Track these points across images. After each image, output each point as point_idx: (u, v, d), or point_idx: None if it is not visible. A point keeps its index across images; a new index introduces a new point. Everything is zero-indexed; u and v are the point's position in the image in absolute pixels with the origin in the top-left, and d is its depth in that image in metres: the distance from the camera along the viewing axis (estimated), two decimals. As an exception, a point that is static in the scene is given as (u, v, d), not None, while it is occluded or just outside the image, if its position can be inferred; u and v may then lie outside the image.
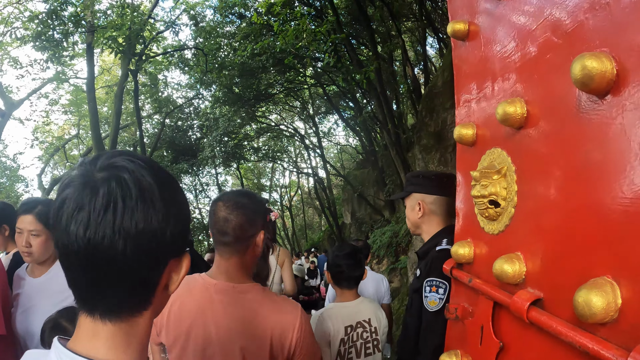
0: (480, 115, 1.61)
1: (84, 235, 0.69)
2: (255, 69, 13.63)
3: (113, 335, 0.75)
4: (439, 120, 7.77)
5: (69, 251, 0.71)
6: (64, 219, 0.70)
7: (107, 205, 0.70)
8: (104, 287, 0.72)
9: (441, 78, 8.21)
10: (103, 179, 0.71)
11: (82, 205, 0.69)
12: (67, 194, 0.71)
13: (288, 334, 1.67)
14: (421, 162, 7.96)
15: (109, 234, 0.69)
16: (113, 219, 0.69)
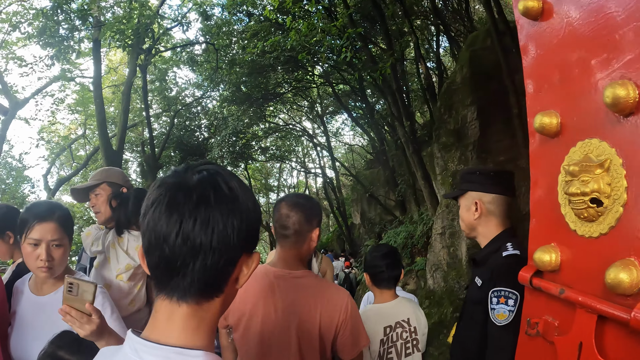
0: (568, 102, 1.40)
1: (179, 226, 0.80)
2: (264, 67, 13.45)
3: (186, 317, 0.84)
4: (458, 117, 7.55)
5: (159, 239, 0.81)
6: (158, 212, 0.81)
7: (200, 202, 0.81)
8: (187, 273, 0.82)
9: (460, 74, 7.98)
10: (198, 180, 0.84)
11: (176, 201, 0.81)
12: (160, 192, 0.83)
13: (335, 314, 1.86)
14: (440, 161, 7.74)
15: (200, 224, 0.80)
16: (205, 212, 0.81)
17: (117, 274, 2.54)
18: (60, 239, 2.01)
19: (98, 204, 2.85)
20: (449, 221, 7.48)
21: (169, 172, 0.90)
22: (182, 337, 0.83)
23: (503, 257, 1.82)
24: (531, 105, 1.62)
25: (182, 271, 0.82)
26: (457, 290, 7.28)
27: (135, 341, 0.83)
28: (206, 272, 0.83)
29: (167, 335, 0.83)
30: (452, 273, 7.41)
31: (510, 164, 7.47)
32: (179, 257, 0.81)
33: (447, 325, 7.11)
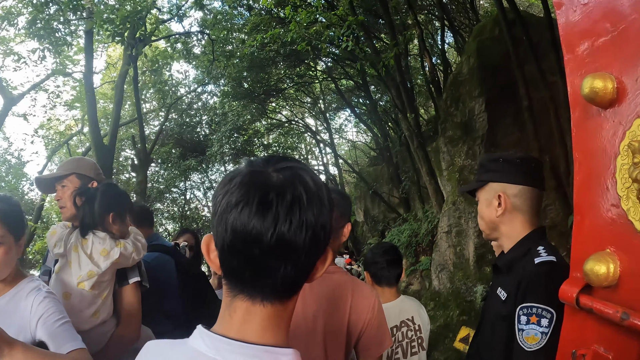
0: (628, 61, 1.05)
1: (274, 228, 0.76)
2: (264, 61, 13.12)
3: (269, 317, 0.82)
4: (465, 110, 7.19)
5: (248, 241, 0.77)
6: (248, 212, 0.76)
7: (294, 202, 0.77)
8: (277, 274, 0.79)
9: (466, 65, 7.62)
10: (288, 178, 0.80)
11: (268, 201, 0.76)
12: (246, 190, 0.78)
13: (363, 313, 1.83)
14: (446, 156, 7.38)
15: (296, 225, 0.77)
16: (299, 213, 0.77)
17: (79, 282, 2.20)
18: (1, 236, 1.69)
19: (64, 197, 2.53)
20: (455, 219, 7.12)
21: (244, 166, 0.84)
22: (266, 336, 0.82)
23: (535, 265, 1.46)
24: (574, 68, 1.26)
25: (272, 273, 0.80)
26: (464, 292, 6.93)
27: (212, 338, 0.80)
28: (297, 272, 0.81)
29: (248, 333, 0.81)
30: (459, 274, 7.06)
31: (520, 159, 7.12)
32: (270, 258, 0.78)
33: (454, 329, 6.76)
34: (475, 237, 6.77)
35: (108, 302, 2.27)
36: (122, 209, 2.38)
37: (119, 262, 2.24)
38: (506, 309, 1.46)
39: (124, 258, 2.26)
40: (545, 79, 6.77)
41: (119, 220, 2.34)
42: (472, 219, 6.85)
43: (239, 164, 0.87)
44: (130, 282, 2.34)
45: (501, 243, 1.73)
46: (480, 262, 6.76)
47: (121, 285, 2.33)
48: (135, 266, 2.38)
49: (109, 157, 8.07)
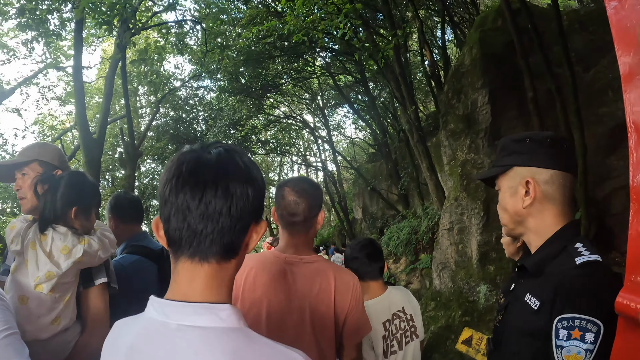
0: None
1: (202, 195, 0.87)
2: (261, 54, 12.82)
3: (209, 276, 0.90)
4: (467, 102, 6.92)
5: (182, 208, 0.87)
6: (181, 182, 0.88)
7: (219, 174, 0.89)
8: (208, 235, 0.88)
9: (468, 56, 7.34)
10: (217, 155, 0.92)
11: (199, 173, 0.88)
12: (180, 165, 0.90)
13: (347, 297, 1.87)
14: (448, 150, 7.10)
15: (220, 195, 0.88)
16: (225, 183, 0.88)
17: (36, 284, 1.92)
18: None
19: (24, 187, 2.25)
20: (457, 215, 6.85)
21: (185, 150, 0.94)
22: (207, 294, 0.89)
23: (576, 266, 1.17)
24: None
25: (204, 234, 0.88)
26: (466, 292, 6.67)
27: (160, 303, 0.88)
28: (225, 234, 0.89)
29: (192, 294, 0.89)
30: (461, 273, 6.80)
31: (525, 154, 6.86)
32: (201, 222, 0.87)
33: (455, 330, 6.50)
34: (479, 235, 6.51)
35: (70, 307, 1.99)
36: (87, 202, 2.09)
37: (82, 262, 1.96)
38: (540, 321, 1.18)
39: (88, 257, 1.98)
40: (551, 70, 6.51)
41: (82, 215, 2.05)
42: (474, 216, 6.59)
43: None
44: (97, 283, 2.06)
45: (528, 239, 1.44)
46: (483, 261, 6.50)
47: (86, 287, 2.06)
48: (102, 265, 2.10)
49: (97, 151, 7.75)
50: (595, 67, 7.60)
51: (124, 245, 2.78)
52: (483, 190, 6.55)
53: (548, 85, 7.03)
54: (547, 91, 6.94)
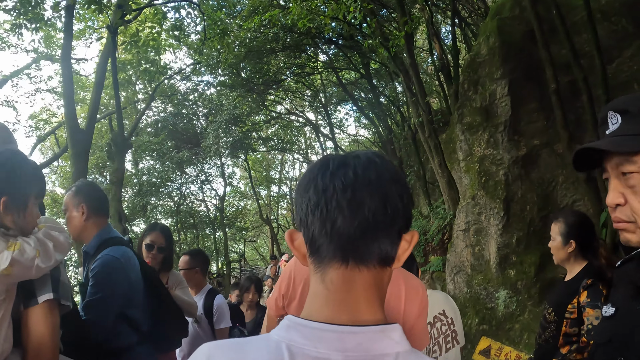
0: None
1: None
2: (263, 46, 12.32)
3: (367, 282, 0.76)
4: (485, 93, 6.41)
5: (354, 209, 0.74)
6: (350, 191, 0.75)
7: (380, 179, 0.77)
8: (372, 237, 0.75)
9: (485, 45, 6.83)
10: (362, 159, 0.80)
11: (357, 178, 0.76)
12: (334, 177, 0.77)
13: (415, 307, 1.71)
14: (464, 145, 6.60)
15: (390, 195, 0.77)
16: (387, 189, 0.77)
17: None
18: None
19: None
20: (474, 215, 6.35)
21: (326, 158, 0.83)
22: (372, 311, 0.75)
23: None
24: None
25: (369, 236, 0.75)
26: (484, 298, 6.16)
27: (314, 327, 0.70)
28: (389, 238, 0.77)
29: (356, 312, 0.73)
30: (478, 277, 6.29)
31: (546, 149, 6.36)
32: (372, 224, 0.74)
33: (472, 339, 6.01)
34: (498, 236, 6.01)
35: (2, 333, 1.49)
36: (22, 190, 1.57)
37: (11, 274, 1.45)
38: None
39: (19, 267, 1.46)
40: (578, 60, 6.02)
41: (15, 209, 1.53)
42: (494, 216, 6.08)
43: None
44: (40, 301, 1.55)
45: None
46: (503, 265, 6.00)
47: (27, 306, 1.55)
48: (47, 277, 1.60)
49: (85, 143, 7.23)
50: (619, 58, 7.08)
51: (98, 239, 2.53)
52: (503, 189, 6.06)
53: (570, 76, 6.56)
54: (569, 83, 6.44)
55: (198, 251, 4.22)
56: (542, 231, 6.16)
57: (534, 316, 5.92)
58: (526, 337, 5.85)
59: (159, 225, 3.53)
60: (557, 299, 2.82)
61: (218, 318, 3.63)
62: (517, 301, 5.94)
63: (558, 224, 2.77)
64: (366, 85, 18.57)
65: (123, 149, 8.54)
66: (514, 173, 6.09)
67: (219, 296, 3.75)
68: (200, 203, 24.62)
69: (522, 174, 6.14)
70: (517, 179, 6.10)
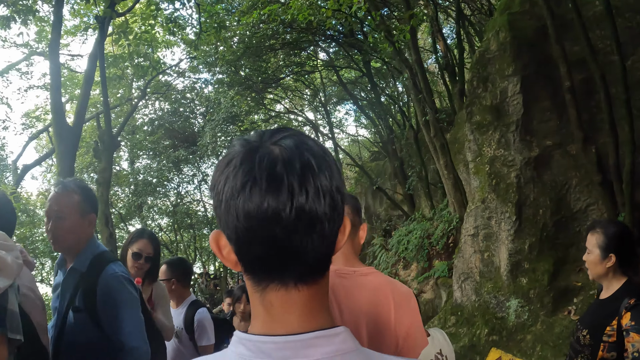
0: None
1: (291, 201, 0.68)
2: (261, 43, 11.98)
3: (308, 300, 0.74)
4: (496, 90, 6.10)
5: (266, 222, 0.68)
6: (258, 191, 0.68)
7: (304, 169, 0.70)
8: (306, 251, 0.71)
9: (495, 40, 6.52)
10: (292, 147, 0.72)
11: (278, 174, 0.68)
12: (249, 168, 0.69)
13: (406, 315, 1.71)
14: (473, 145, 6.28)
15: (313, 193, 0.69)
16: (313, 180, 0.70)
17: None
18: None
19: None
20: (484, 220, 6.03)
21: (238, 146, 0.73)
22: (314, 322, 0.73)
23: None
24: None
25: (300, 250, 0.70)
26: (493, 307, 5.85)
27: (256, 341, 0.72)
28: (324, 244, 0.73)
29: (293, 325, 0.72)
30: (488, 285, 5.98)
31: (559, 150, 6.06)
32: (294, 235, 0.69)
33: (481, 350, 5.70)
34: (510, 242, 5.69)
35: None
36: None
37: None
38: None
39: None
40: (595, 57, 5.72)
41: None
42: (505, 220, 5.76)
43: (231, 147, 0.74)
44: None
45: None
46: (514, 272, 5.68)
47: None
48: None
49: (72, 140, 6.84)
50: (633, 56, 6.78)
51: (89, 254, 2.30)
52: (515, 192, 5.74)
53: (583, 74, 6.26)
54: (582, 81, 6.14)
55: (178, 260, 3.82)
56: (555, 237, 5.86)
57: (547, 327, 5.62)
58: (539, 348, 5.55)
59: (146, 232, 3.20)
60: (593, 319, 2.50)
61: (199, 335, 3.32)
62: (529, 311, 5.63)
63: (596, 234, 2.44)
64: (367, 85, 18.31)
65: (111, 147, 8.11)
66: (526, 175, 5.78)
67: (201, 310, 3.43)
68: (197, 203, 24.28)
69: (534, 176, 5.83)
70: (529, 182, 5.79)
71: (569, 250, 5.91)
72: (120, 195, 22.98)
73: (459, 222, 7.83)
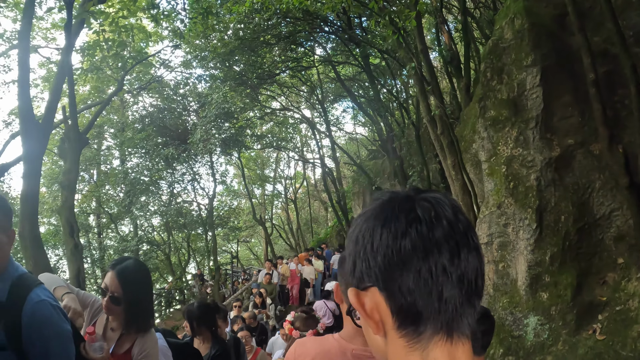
0: None
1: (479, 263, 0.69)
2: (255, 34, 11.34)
3: (467, 356, 0.70)
4: (513, 83, 5.48)
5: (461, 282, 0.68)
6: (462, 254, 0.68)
7: (472, 239, 0.70)
8: (473, 303, 0.70)
9: (510, 28, 5.89)
10: (455, 215, 0.71)
11: (467, 240, 0.69)
12: (423, 231, 0.68)
13: None
14: (486, 143, 5.66)
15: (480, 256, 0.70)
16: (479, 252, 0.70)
17: None
18: None
19: None
20: (499, 227, 5.42)
21: (395, 198, 0.73)
22: None
23: None
24: None
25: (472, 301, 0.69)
26: (510, 325, 5.24)
27: None
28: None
29: None
30: (503, 300, 5.37)
31: (581, 150, 5.45)
32: (474, 288, 0.68)
33: (497, 373, 5.10)
34: (529, 253, 5.08)
35: None
36: None
37: None
38: None
39: None
40: (626, 47, 5.11)
41: None
42: (524, 228, 5.15)
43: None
44: None
45: None
46: (534, 286, 5.08)
47: None
48: None
49: (40, 139, 6.15)
50: (658, 47, 6.15)
51: (8, 278, 1.87)
52: (535, 196, 5.13)
53: (606, 66, 5.67)
54: (605, 74, 5.53)
55: None
56: (578, 246, 5.25)
57: (570, 347, 5.02)
58: (561, 372, 4.96)
59: (118, 265, 2.45)
60: None
61: None
62: (550, 329, 5.03)
63: None
64: (365, 82, 17.72)
65: (77, 146, 7.32)
66: (546, 177, 5.17)
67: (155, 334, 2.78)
68: (191, 202, 23.57)
69: (555, 178, 5.22)
70: (550, 185, 5.18)
71: (591, 260, 5.32)
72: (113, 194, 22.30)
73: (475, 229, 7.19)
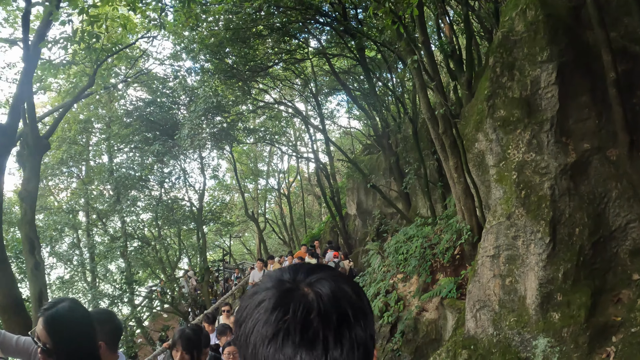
0: None
1: (325, 356, 0.67)
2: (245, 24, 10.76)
3: None
4: (526, 80, 4.97)
5: None
6: (291, 344, 0.67)
7: (341, 322, 0.69)
8: None
9: (521, 20, 5.36)
10: (329, 296, 0.71)
11: (313, 328, 0.68)
12: (281, 316, 0.69)
13: None
14: (495, 145, 5.16)
15: (348, 348, 0.69)
16: (349, 333, 0.70)
17: None
18: None
19: None
20: (508, 239, 4.93)
21: (270, 284, 0.74)
22: None
23: None
24: None
25: None
26: (516, 345, 4.78)
27: None
28: None
29: None
30: (510, 317, 4.90)
31: (597, 155, 4.97)
32: None
33: (504, 401, 4.65)
34: (541, 269, 4.61)
35: None
36: None
37: None
38: None
39: None
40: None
41: None
42: (535, 242, 4.68)
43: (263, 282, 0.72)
44: None
45: None
46: (545, 305, 4.62)
47: None
48: None
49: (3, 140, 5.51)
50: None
51: None
52: (549, 206, 4.65)
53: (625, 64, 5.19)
54: (623, 73, 5.05)
55: None
56: (592, 262, 4.79)
57: (583, 372, 4.57)
58: (573, 399, 4.51)
59: (48, 312, 1.93)
60: None
61: None
62: (561, 352, 4.57)
63: None
64: (360, 75, 17.19)
65: (37, 150, 6.55)
66: (561, 186, 4.69)
67: None
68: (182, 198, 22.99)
69: (570, 187, 4.75)
70: (565, 194, 4.71)
71: (605, 276, 4.86)
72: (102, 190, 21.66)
73: (470, 234, 6.76)
